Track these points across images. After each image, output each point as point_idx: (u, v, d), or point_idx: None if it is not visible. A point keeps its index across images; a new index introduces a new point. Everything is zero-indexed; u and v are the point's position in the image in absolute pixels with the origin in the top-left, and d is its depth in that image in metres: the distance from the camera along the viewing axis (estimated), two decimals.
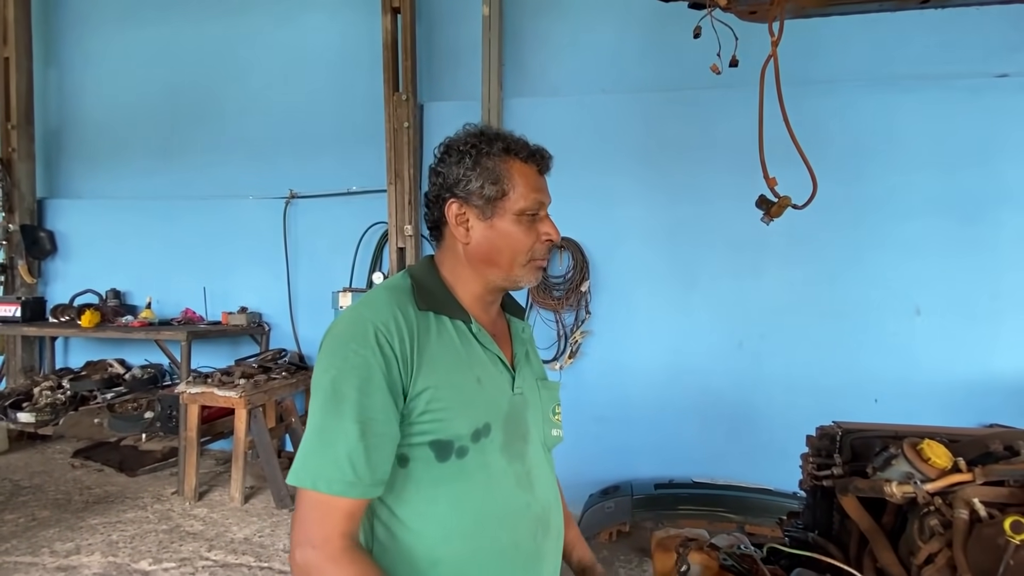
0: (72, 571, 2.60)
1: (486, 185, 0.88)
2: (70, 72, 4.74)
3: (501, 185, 0.88)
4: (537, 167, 0.92)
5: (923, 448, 1.15)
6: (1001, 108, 3.08)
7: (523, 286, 0.95)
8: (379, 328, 0.80)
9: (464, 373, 0.86)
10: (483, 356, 0.91)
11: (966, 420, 3.06)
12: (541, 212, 0.92)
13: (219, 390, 3.30)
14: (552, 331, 3.58)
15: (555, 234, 0.92)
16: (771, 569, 1.43)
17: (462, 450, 0.83)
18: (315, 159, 4.16)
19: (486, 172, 0.88)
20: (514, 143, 0.91)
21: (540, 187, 0.92)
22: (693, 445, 3.37)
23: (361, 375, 0.77)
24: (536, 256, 0.92)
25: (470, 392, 0.86)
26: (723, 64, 1.58)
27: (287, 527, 3.10)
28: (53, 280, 4.71)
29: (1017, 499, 1.08)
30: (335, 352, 0.80)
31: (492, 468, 0.86)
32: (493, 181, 0.88)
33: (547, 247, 0.93)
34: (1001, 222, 3.10)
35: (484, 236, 0.90)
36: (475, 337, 0.91)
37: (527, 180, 0.90)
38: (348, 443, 0.75)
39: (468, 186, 0.89)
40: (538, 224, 0.92)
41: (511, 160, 0.90)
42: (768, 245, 3.26)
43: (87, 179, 4.71)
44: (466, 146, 0.90)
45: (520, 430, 0.92)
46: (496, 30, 3.60)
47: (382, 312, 0.83)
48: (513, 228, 0.89)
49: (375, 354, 0.78)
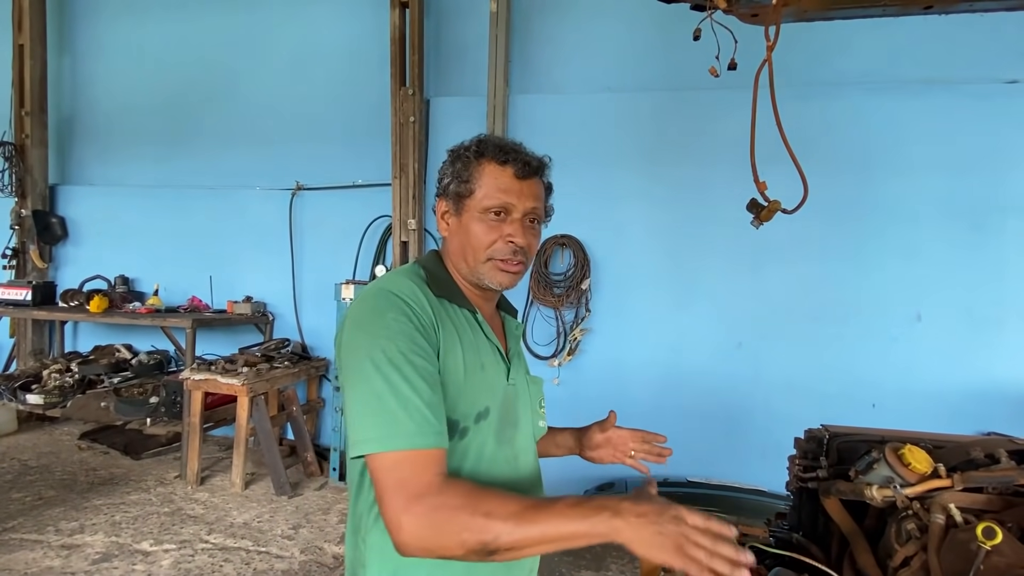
0: (76, 549, 2.66)
1: (455, 183, 0.93)
2: (83, 61, 4.80)
3: (469, 184, 0.92)
4: (515, 170, 0.92)
5: (904, 453, 1.16)
6: (1009, 114, 3.05)
7: (488, 285, 0.96)
8: (408, 301, 0.85)
9: (473, 358, 0.90)
10: (486, 345, 0.96)
11: (965, 428, 3.04)
12: (512, 214, 0.92)
13: (222, 377, 3.35)
14: (552, 328, 3.60)
15: (519, 237, 0.92)
16: (754, 568, 1.45)
17: (464, 431, 0.87)
18: (322, 152, 4.19)
19: (457, 172, 0.94)
20: (492, 147, 0.92)
21: (510, 189, 0.91)
22: (690, 444, 3.36)
23: (409, 337, 0.80)
24: (496, 255, 0.92)
25: (477, 376, 0.90)
26: (722, 67, 1.59)
27: (285, 513, 3.15)
28: (63, 265, 4.79)
29: (994, 506, 1.09)
30: (374, 324, 0.82)
31: (485, 449, 0.90)
32: (464, 180, 0.92)
33: (510, 249, 0.93)
34: (1005, 229, 3.08)
35: (456, 231, 0.96)
36: (480, 326, 0.96)
37: (496, 181, 0.91)
38: (423, 397, 0.77)
39: (448, 186, 0.95)
40: (504, 225, 0.92)
41: (484, 162, 0.92)
42: (770, 246, 3.25)
43: (98, 166, 4.78)
44: (456, 152, 0.96)
45: (512, 417, 0.97)
46: (503, 26, 3.61)
47: (407, 289, 0.87)
48: (475, 225, 0.92)
49: (412, 320, 0.82)
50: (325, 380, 4.18)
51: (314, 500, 3.36)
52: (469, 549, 0.69)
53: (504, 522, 0.68)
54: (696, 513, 0.68)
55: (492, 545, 0.68)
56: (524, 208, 0.93)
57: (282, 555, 2.73)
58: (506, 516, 0.69)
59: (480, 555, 0.69)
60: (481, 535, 0.68)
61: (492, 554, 0.69)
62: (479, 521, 0.69)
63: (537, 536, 0.68)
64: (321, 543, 2.85)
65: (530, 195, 0.94)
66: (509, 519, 0.68)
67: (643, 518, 0.67)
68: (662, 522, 0.66)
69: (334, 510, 3.23)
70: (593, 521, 0.68)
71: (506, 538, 0.68)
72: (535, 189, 0.95)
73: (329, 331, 3.99)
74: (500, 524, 0.68)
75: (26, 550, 2.63)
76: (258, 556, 2.70)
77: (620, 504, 0.68)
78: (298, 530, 2.97)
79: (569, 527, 0.68)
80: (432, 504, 0.71)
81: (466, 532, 0.69)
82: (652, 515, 0.67)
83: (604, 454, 1.16)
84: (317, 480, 3.66)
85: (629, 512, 0.67)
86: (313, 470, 3.73)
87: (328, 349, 4.18)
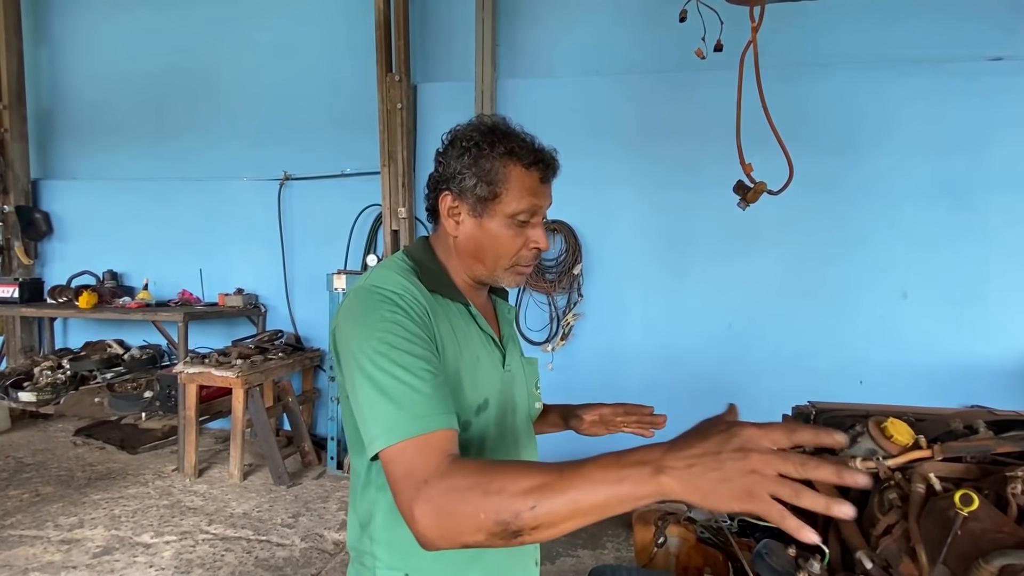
0: (76, 544, 2.68)
1: (480, 185, 0.88)
2: (61, 51, 4.69)
3: (495, 187, 0.87)
4: (540, 175, 0.90)
5: (887, 426, 1.20)
6: (995, 92, 3.08)
7: (504, 286, 0.96)
8: (402, 295, 0.83)
9: (467, 351, 0.89)
10: (480, 336, 0.95)
11: (951, 402, 3.12)
12: (534, 219, 0.91)
13: (216, 370, 3.35)
14: (544, 314, 3.62)
15: (543, 243, 0.92)
16: (743, 541, 1.49)
17: (466, 424, 0.87)
18: (309, 141, 4.15)
19: (483, 172, 0.87)
20: (519, 147, 0.88)
21: (538, 193, 0.89)
22: (681, 424, 3.40)
23: (404, 327, 0.78)
24: (520, 262, 0.92)
25: (473, 369, 0.89)
26: (708, 48, 1.59)
27: (284, 502, 3.18)
28: (50, 261, 4.73)
29: (973, 474, 1.13)
30: (369, 317, 0.79)
31: (487, 439, 0.90)
32: (489, 182, 0.87)
33: (533, 254, 0.93)
34: (990, 207, 3.12)
35: (472, 233, 0.91)
36: (474, 318, 0.95)
37: (524, 185, 0.88)
38: (424, 380, 0.74)
39: (463, 182, 0.89)
40: (528, 230, 0.91)
41: (511, 164, 0.88)
42: (758, 228, 3.28)
43: (81, 160, 4.70)
44: (469, 142, 0.89)
45: (510, 404, 0.97)
46: (490, 10, 3.57)
47: (399, 285, 0.84)
48: (501, 231, 0.89)
49: (408, 313, 0.80)
50: (320, 370, 4.18)
51: (313, 489, 3.39)
52: (490, 532, 0.60)
53: (524, 497, 0.59)
54: (772, 430, 0.52)
55: (514, 525, 0.59)
56: (544, 211, 0.92)
57: (283, 543, 2.76)
58: (524, 491, 0.59)
59: (505, 538, 0.60)
60: (498, 515, 0.59)
61: (518, 535, 0.60)
62: (493, 500, 0.60)
63: (566, 510, 0.58)
64: (321, 530, 2.89)
65: (549, 196, 0.93)
66: (530, 494, 0.59)
67: (696, 466, 0.52)
68: (722, 463, 0.51)
69: (333, 498, 3.27)
70: (634, 482, 0.55)
71: (528, 515, 0.58)
72: (550, 188, 0.94)
73: (322, 322, 3.98)
74: (519, 501, 0.59)
75: (26, 546, 2.64)
76: (259, 545, 2.74)
77: (664, 455, 0.55)
78: (298, 518, 3.01)
79: (604, 493, 0.56)
80: (440, 488, 0.64)
81: (481, 514, 0.60)
82: (707, 458, 0.52)
83: (599, 430, 1.15)
84: (315, 469, 3.69)
85: (677, 462, 0.53)
86: (311, 459, 3.76)
87: (322, 340, 4.18)
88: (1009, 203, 3.09)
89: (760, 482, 0.50)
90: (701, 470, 0.52)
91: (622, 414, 1.11)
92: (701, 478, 0.52)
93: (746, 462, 0.50)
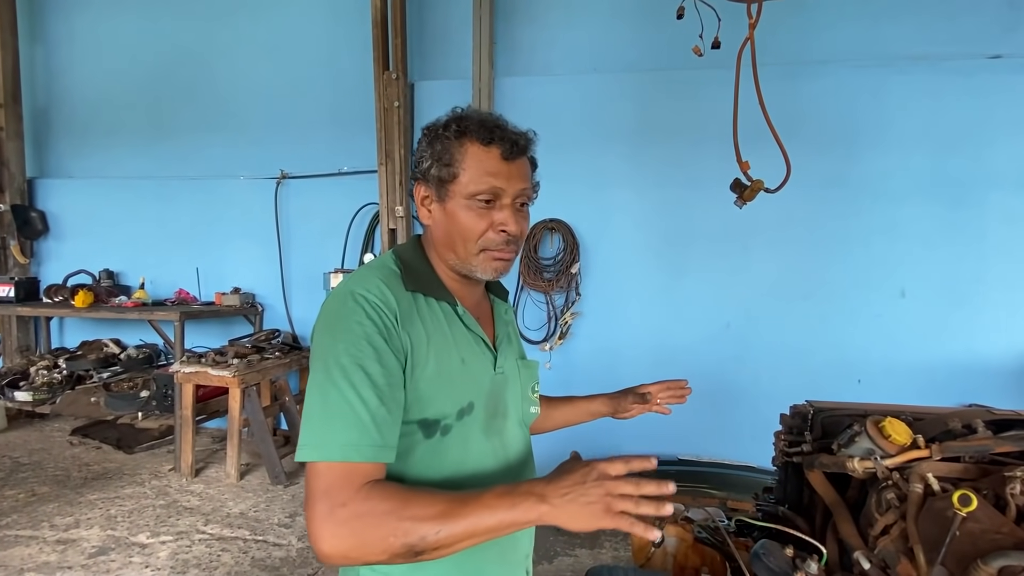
0: (72, 544, 2.67)
1: (437, 166, 0.86)
2: (56, 50, 4.66)
3: (452, 168, 0.85)
4: (501, 151, 0.85)
5: (884, 426, 1.19)
6: (993, 90, 3.07)
7: (480, 276, 0.90)
8: (374, 303, 0.80)
9: (450, 353, 0.86)
10: (468, 337, 0.91)
11: (948, 400, 3.12)
12: (502, 200, 0.86)
13: (213, 370, 3.34)
14: (542, 312, 3.61)
15: (512, 226, 0.87)
16: (741, 541, 1.48)
17: (446, 428, 0.85)
18: (306, 139, 4.13)
19: (438, 153, 0.86)
20: (473, 125, 0.85)
21: (499, 172, 0.85)
22: (680, 423, 3.40)
23: (368, 342, 0.77)
24: (489, 246, 0.87)
25: (455, 372, 0.86)
26: (706, 46, 1.58)
27: (281, 502, 3.17)
28: (46, 260, 4.71)
29: (971, 474, 1.12)
30: (336, 326, 0.79)
31: (472, 444, 0.88)
32: (446, 163, 0.85)
33: (503, 238, 0.87)
34: (988, 205, 3.11)
35: (440, 219, 0.89)
36: (460, 318, 0.91)
37: (482, 164, 0.84)
38: (370, 408, 0.74)
39: (425, 167, 0.88)
40: (494, 212, 0.86)
41: (467, 142, 0.85)
42: (757, 226, 3.27)
43: (77, 158, 4.68)
44: (432, 128, 0.89)
45: (500, 408, 0.94)
46: (487, 8, 3.55)
47: (373, 289, 0.82)
48: (463, 213, 0.86)
49: (376, 325, 0.79)
50: None
51: None
52: (394, 553, 0.68)
53: (431, 523, 0.67)
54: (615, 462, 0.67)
55: (419, 547, 0.67)
56: (513, 192, 0.86)
57: (279, 543, 2.75)
58: (432, 516, 0.68)
59: (405, 557, 0.68)
60: (406, 538, 0.67)
61: (419, 555, 0.68)
62: (405, 525, 0.67)
63: (464, 531, 0.67)
64: None
65: (518, 176, 0.87)
66: (436, 519, 0.67)
67: (568, 494, 0.66)
68: (586, 490, 0.65)
69: None
70: (521, 509, 0.67)
71: (432, 538, 0.67)
72: (523, 169, 0.88)
73: None
74: (428, 525, 0.67)
75: (21, 546, 2.63)
76: (255, 544, 2.73)
77: (546, 487, 0.67)
78: (294, 518, 3.00)
79: (495, 518, 0.67)
80: (356, 511, 0.69)
81: (392, 537, 0.67)
82: (576, 487, 0.66)
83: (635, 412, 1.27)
84: None
85: (554, 493, 0.66)
86: None
87: None
88: (1008, 201, 3.08)
89: (613, 501, 0.65)
90: (572, 498, 0.65)
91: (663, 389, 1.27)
92: (573, 503, 0.65)
93: (602, 488, 0.65)
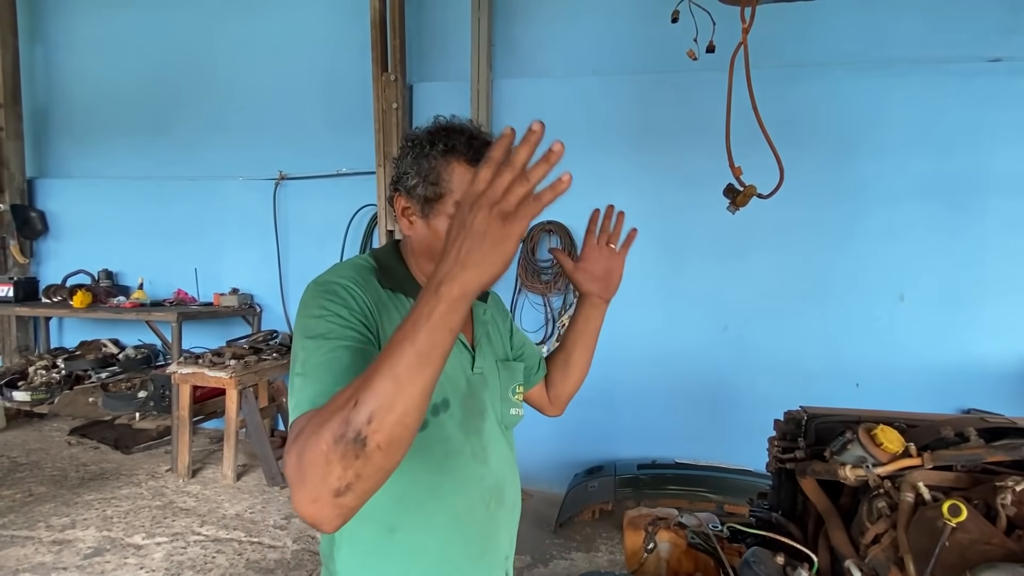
0: (67, 545, 2.67)
1: (423, 185, 0.86)
2: (56, 50, 4.67)
3: (438, 187, 0.85)
4: None
5: (876, 433, 1.18)
6: (993, 93, 3.05)
7: None
8: (348, 288, 0.81)
9: None
10: None
11: (947, 406, 3.11)
12: None
13: (210, 370, 3.34)
14: (540, 314, 3.61)
15: None
16: (734, 547, 1.48)
17: (424, 423, 0.85)
18: (304, 140, 4.13)
19: (424, 172, 0.86)
20: (461, 143, 0.85)
21: None
22: (677, 427, 3.42)
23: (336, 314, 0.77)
24: None
25: None
26: (700, 50, 1.57)
27: (278, 504, 3.17)
28: (45, 260, 4.72)
29: (963, 483, 1.11)
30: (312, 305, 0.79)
31: (450, 441, 0.88)
32: (433, 181, 0.85)
33: None
34: (987, 209, 3.10)
35: (423, 234, 0.89)
36: None
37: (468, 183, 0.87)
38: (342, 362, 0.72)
39: (408, 182, 0.88)
40: None
41: (453, 161, 0.85)
42: (754, 230, 3.26)
43: (77, 159, 4.69)
44: (415, 141, 0.88)
45: (478, 407, 0.94)
46: (486, 10, 3.55)
47: (347, 276, 0.83)
48: None
49: (351, 304, 0.80)
50: None
51: None
52: (340, 459, 0.57)
53: (346, 404, 0.57)
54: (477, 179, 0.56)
55: (350, 433, 0.56)
56: None
57: (275, 545, 2.75)
58: (346, 399, 0.58)
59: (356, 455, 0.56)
60: (333, 434, 0.57)
61: (363, 442, 0.56)
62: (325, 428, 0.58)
63: (388, 386, 0.56)
64: (314, 532, 2.88)
65: None
66: (350, 399, 0.57)
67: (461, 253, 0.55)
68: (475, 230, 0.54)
69: None
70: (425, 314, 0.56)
71: (356, 416, 0.56)
72: None
73: None
74: (343, 410, 0.57)
75: (17, 546, 2.63)
76: (251, 546, 2.72)
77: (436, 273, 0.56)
78: (290, 520, 2.99)
79: (408, 345, 0.56)
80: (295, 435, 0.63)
81: (323, 444, 0.57)
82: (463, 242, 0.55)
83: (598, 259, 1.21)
84: None
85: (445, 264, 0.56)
86: None
87: None
88: (1007, 205, 3.07)
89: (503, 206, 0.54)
90: (467, 252, 0.55)
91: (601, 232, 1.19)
92: (471, 256, 0.55)
93: (485, 213, 0.54)
